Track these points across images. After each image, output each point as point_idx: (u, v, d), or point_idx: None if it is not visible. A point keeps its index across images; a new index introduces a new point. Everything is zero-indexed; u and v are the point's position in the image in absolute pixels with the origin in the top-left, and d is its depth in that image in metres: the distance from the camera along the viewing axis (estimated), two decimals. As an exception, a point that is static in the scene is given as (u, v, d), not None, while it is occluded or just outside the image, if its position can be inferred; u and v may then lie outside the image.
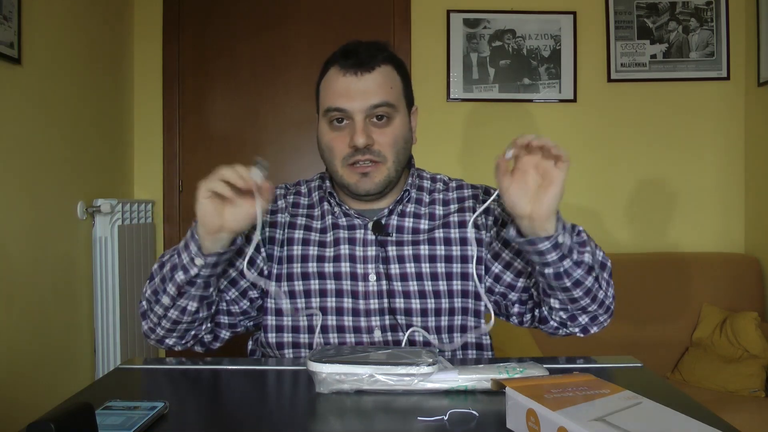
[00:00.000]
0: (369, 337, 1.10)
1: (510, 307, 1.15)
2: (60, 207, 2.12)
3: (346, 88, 1.08)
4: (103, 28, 2.46)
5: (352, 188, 1.11)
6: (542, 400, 0.66)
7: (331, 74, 1.11)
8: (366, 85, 1.08)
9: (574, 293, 1.00)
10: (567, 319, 1.07)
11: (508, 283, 1.13)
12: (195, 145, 2.78)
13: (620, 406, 0.66)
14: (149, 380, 0.97)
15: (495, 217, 1.16)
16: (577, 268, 0.98)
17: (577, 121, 2.74)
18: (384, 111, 1.09)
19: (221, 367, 0.98)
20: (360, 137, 1.06)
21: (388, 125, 1.10)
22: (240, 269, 1.10)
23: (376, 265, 1.12)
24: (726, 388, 2.14)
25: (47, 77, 2.03)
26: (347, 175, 1.10)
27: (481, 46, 2.72)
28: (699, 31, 2.71)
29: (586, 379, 0.76)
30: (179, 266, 1.00)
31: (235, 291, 1.12)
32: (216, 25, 2.78)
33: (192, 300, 1.02)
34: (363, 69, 1.08)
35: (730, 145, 2.73)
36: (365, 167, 1.09)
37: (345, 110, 1.08)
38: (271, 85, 2.78)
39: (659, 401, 0.69)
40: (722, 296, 2.44)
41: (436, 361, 0.83)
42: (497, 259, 1.13)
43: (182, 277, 0.99)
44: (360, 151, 1.08)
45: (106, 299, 2.27)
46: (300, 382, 0.91)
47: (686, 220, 2.73)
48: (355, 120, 1.07)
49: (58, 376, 2.06)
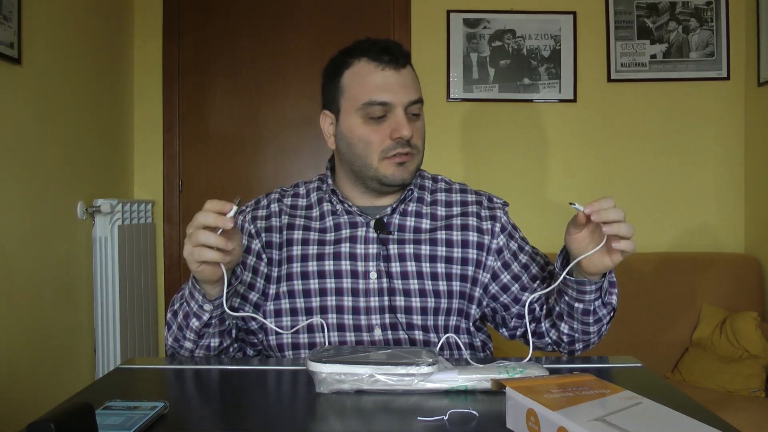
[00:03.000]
0: (369, 335, 1.10)
1: (508, 319, 1.18)
2: (60, 207, 2.12)
3: (386, 82, 1.10)
4: (103, 28, 2.46)
5: (388, 179, 1.12)
6: (542, 400, 0.66)
7: (363, 68, 1.11)
8: (405, 80, 1.11)
9: (591, 328, 1.07)
10: (566, 342, 1.13)
11: (514, 296, 1.16)
12: (195, 145, 2.78)
13: (620, 406, 0.66)
14: (149, 380, 0.97)
15: (502, 225, 1.18)
16: (603, 308, 1.05)
17: (577, 121, 2.74)
18: (419, 107, 1.13)
19: (221, 367, 0.98)
20: (407, 130, 1.09)
21: (419, 120, 1.14)
22: (247, 283, 1.14)
23: (377, 263, 1.12)
24: (726, 388, 2.14)
25: (47, 77, 2.03)
26: (383, 167, 1.11)
27: (481, 46, 2.72)
28: (699, 31, 2.71)
29: (586, 379, 0.76)
30: (191, 314, 1.02)
31: (249, 306, 1.14)
32: (216, 25, 2.78)
33: (213, 337, 1.05)
34: (399, 65, 1.11)
35: (730, 145, 2.73)
36: (403, 157, 1.11)
37: (389, 104, 1.09)
38: (272, 85, 2.78)
39: (659, 401, 0.69)
40: (722, 296, 2.44)
41: (436, 361, 0.83)
42: (507, 269, 1.17)
43: (197, 324, 1.02)
44: (401, 144, 1.10)
45: (106, 299, 2.27)
46: (300, 382, 0.91)
47: (686, 219, 2.73)
48: (397, 113, 1.10)
49: (58, 376, 2.06)
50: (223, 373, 0.96)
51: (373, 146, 1.11)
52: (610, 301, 1.06)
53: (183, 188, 2.77)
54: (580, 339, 1.11)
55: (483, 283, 1.16)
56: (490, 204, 1.21)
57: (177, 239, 2.75)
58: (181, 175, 2.77)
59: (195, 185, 2.77)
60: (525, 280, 1.17)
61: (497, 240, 1.17)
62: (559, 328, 1.11)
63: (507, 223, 1.20)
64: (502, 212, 1.20)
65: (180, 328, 1.05)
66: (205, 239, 0.90)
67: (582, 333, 1.09)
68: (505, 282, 1.16)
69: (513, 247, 1.19)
